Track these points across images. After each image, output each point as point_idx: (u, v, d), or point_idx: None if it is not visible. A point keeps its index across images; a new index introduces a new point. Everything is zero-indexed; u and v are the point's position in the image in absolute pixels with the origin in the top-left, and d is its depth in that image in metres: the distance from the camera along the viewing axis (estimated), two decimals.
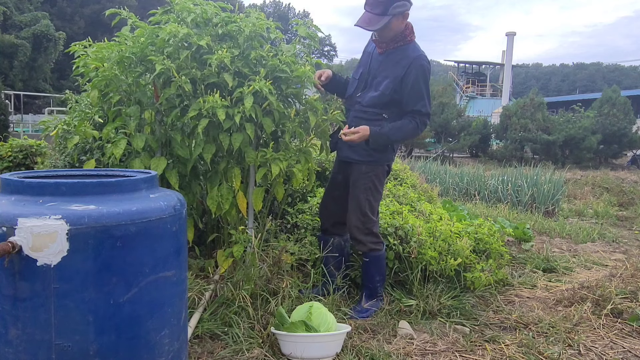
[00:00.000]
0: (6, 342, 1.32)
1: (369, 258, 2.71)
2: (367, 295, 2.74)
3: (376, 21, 2.42)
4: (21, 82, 23.69)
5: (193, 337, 2.27)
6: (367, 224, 2.66)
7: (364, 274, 2.78)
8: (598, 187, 9.40)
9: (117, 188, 1.43)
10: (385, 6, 2.39)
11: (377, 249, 2.71)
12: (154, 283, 1.43)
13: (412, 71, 2.50)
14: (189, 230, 2.73)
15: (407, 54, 2.54)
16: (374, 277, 2.73)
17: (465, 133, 17.50)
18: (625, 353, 2.43)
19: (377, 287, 2.74)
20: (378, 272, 2.75)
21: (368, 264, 2.72)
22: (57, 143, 3.90)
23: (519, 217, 6.03)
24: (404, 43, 2.56)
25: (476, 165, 10.79)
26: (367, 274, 2.75)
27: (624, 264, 3.79)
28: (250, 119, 2.56)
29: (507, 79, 32.27)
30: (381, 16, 2.41)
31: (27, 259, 1.27)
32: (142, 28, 2.63)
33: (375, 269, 2.73)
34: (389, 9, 2.39)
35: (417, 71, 2.51)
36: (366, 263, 2.73)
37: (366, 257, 2.72)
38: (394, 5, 2.39)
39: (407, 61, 2.52)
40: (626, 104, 17.30)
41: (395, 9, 2.40)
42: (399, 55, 2.56)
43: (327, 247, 2.83)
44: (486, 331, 2.61)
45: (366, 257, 2.72)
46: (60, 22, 30.46)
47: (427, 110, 2.58)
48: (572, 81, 75.99)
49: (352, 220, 2.68)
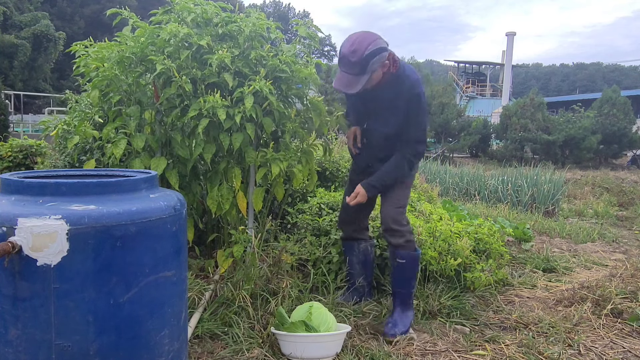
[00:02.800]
0: (6, 342, 1.32)
1: (406, 259, 2.46)
2: (402, 304, 2.51)
3: (356, 82, 2.23)
4: (21, 82, 23.69)
5: (193, 337, 2.27)
6: (403, 215, 2.52)
7: (398, 279, 2.52)
8: (598, 187, 9.41)
9: (117, 188, 1.43)
10: (362, 66, 2.20)
11: (412, 242, 2.50)
12: (154, 283, 1.43)
13: (412, 105, 2.38)
14: (189, 230, 2.73)
15: (400, 89, 2.38)
16: (410, 280, 2.50)
17: (465, 133, 17.50)
18: (625, 353, 2.43)
19: (412, 293, 2.55)
20: (414, 275, 2.54)
21: (403, 266, 2.46)
22: (57, 143, 3.90)
23: (519, 217, 6.03)
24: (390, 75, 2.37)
25: (476, 165, 10.80)
26: (402, 277, 2.50)
27: (624, 264, 3.79)
28: (250, 119, 2.56)
29: (507, 79, 32.28)
30: (360, 76, 2.22)
31: (27, 259, 1.27)
32: (143, 28, 2.63)
33: (411, 271, 2.50)
34: (367, 67, 2.20)
35: (416, 103, 2.38)
36: (400, 265, 2.47)
37: (402, 258, 2.45)
38: (371, 62, 2.20)
39: (404, 96, 2.37)
40: (626, 104, 17.30)
41: (373, 65, 2.21)
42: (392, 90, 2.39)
43: (354, 252, 2.77)
44: (486, 331, 2.60)
45: (402, 258, 2.45)
46: (60, 22, 30.47)
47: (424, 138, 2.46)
48: (572, 81, 76.01)
49: (389, 211, 2.48)
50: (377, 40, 2.23)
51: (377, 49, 2.21)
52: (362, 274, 2.79)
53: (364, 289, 2.82)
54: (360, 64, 2.19)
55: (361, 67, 2.20)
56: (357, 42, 2.22)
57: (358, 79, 2.23)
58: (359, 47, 2.19)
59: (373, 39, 2.22)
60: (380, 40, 2.25)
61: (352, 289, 2.81)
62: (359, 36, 2.25)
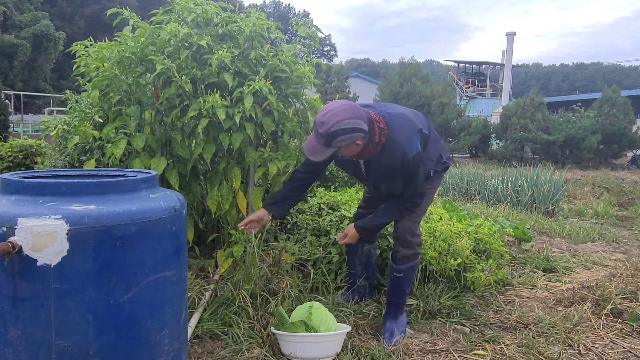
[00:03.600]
0: (6, 342, 1.32)
1: (403, 273, 2.47)
2: (396, 311, 2.53)
3: (320, 151, 2.17)
4: (21, 82, 23.68)
5: (193, 337, 2.27)
6: (417, 225, 2.53)
7: (395, 290, 2.52)
8: (598, 187, 9.40)
9: (117, 188, 1.43)
10: (327, 140, 2.12)
11: (418, 254, 2.51)
12: (154, 283, 1.43)
13: (406, 172, 2.29)
14: (189, 230, 2.73)
15: (392, 159, 2.27)
16: (405, 290, 2.52)
17: (465, 133, 17.49)
18: (625, 353, 2.43)
19: (405, 301, 2.56)
20: (409, 285, 2.55)
21: (400, 279, 2.49)
22: (57, 143, 3.91)
23: (519, 217, 6.03)
24: (380, 145, 2.27)
25: (476, 165, 10.79)
26: (398, 289, 2.51)
27: (624, 264, 3.79)
28: (250, 119, 2.56)
29: (507, 79, 32.27)
30: (325, 147, 2.15)
31: (27, 259, 1.27)
32: (143, 28, 2.63)
33: (407, 282, 2.51)
34: (332, 142, 2.12)
35: (410, 168, 2.28)
36: (397, 279, 2.49)
37: (399, 273, 2.47)
38: (336, 140, 2.11)
39: (397, 165, 2.27)
40: (626, 104, 17.28)
41: (339, 142, 2.12)
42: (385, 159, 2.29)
43: (357, 254, 2.76)
44: (486, 331, 2.60)
45: (399, 273, 2.47)
46: (60, 22, 30.47)
47: (421, 191, 2.40)
48: (572, 81, 75.99)
49: (405, 222, 2.46)
50: (351, 120, 2.11)
51: (348, 128, 2.10)
52: (363, 275, 2.80)
53: (365, 289, 2.83)
54: (326, 138, 2.11)
55: (326, 140, 2.12)
56: (330, 115, 2.11)
57: (323, 149, 2.16)
58: (328, 120, 2.09)
59: (346, 118, 2.10)
60: (355, 120, 2.12)
61: (352, 289, 2.81)
62: (336, 109, 2.14)
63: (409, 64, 18.74)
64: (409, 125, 2.33)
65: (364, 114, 2.18)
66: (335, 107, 2.15)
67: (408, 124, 2.33)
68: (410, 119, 2.36)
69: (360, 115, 2.16)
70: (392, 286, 2.54)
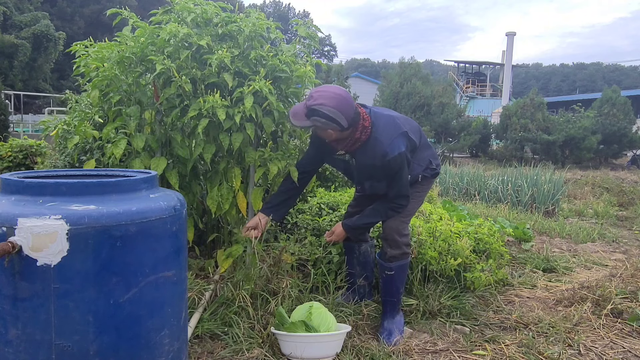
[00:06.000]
0: (6, 342, 1.32)
1: (394, 270, 2.49)
2: (391, 310, 2.55)
3: (301, 118, 2.28)
4: (21, 82, 23.67)
5: (193, 337, 2.27)
6: (405, 225, 2.54)
7: (388, 289, 2.54)
8: (598, 187, 9.40)
9: (117, 188, 1.43)
10: (308, 113, 2.24)
11: (407, 254, 2.53)
12: (154, 283, 1.43)
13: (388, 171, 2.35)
14: (189, 230, 2.73)
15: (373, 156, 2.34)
16: (399, 288, 2.54)
17: (465, 133, 17.49)
18: (625, 353, 2.43)
19: (400, 299, 2.59)
20: (403, 282, 2.57)
21: (392, 277, 2.50)
22: (57, 143, 3.91)
23: (519, 217, 6.03)
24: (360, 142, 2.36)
25: (476, 165, 10.80)
26: (391, 287, 2.53)
27: (624, 264, 3.79)
28: (250, 119, 2.56)
29: (507, 79, 32.28)
30: (305, 118, 2.27)
31: (27, 259, 1.27)
32: (143, 28, 2.63)
33: (400, 280, 2.53)
34: (310, 117, 2.24)
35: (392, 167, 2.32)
36: (389, 277, 2.51)
37: (391, 270, 2.49)
38: (314, 117, 2.22)
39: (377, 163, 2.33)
40: (626, 104, 17.29)
41: (315, 120, 2.23)
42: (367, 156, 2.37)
43: (354, 254, 2.77)
44: (486, 331, 2.61)
45: (391, 270, 2.49)
46: (60, 22, 30.46)
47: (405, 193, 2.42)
48: (572, 81, 75.97)
49: (393, 222, 2.48)
50: (333, 110, 2.19)
51: (327, 115, 2.19)
52: (363, 275, 2.80)
53: (365, 289, 2.83)
54: (307, 110, 2.23)
55: (307, 112, 2.24)
56: (320, 94, 2.22)
57: (303, 118, 2.27)
58: (317, 97, 2.20)
59: (331, 106, 2.19)
60: (336, 112, 2.19)
61: (352, 289, 2.81)
62: (329, 92, 2.23)
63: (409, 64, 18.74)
64: (393, 126, 2.37)
65: (351, 110, 2.24)
66: (329, 91, 2.24)
67: (393, 126, 2.37)
68: (396, 122, 2.40)
69: (345, 109, 2.22)
70: (384, 285, 2.56)
